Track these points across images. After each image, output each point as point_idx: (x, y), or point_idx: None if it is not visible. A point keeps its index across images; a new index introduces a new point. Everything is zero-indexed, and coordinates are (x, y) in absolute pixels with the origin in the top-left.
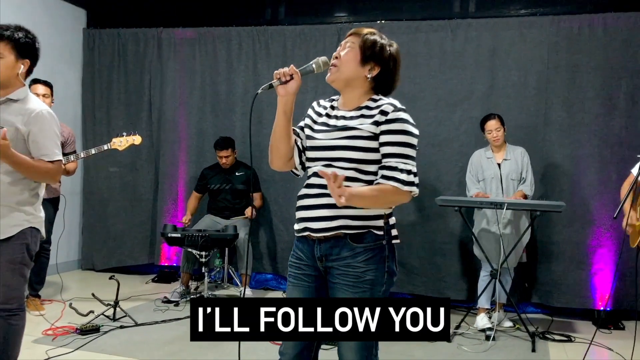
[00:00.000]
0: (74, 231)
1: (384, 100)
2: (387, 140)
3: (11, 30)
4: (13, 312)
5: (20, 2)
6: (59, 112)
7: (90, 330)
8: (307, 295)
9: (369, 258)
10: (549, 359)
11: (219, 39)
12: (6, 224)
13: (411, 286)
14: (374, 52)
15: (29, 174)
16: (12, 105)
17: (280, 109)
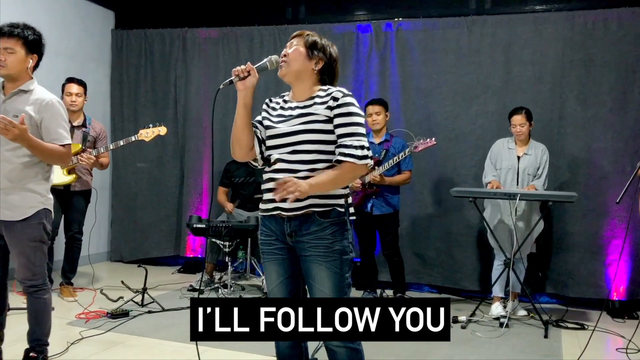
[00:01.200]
0: (103, 224)
1: (332, 88)
2: (339, 122)
3: (21, 28)
4: (39, 287)
5: (52, 4)
6: (88, 110)
7: (120, 314)
8: (281, 266)
9: (335, 231)
10: (560, 344)
11: (242, 38)
12: (24, 206)
13: (428, 277)
14: (317, 48)
15: (44, 156)
16: (23, 95)
17: (240, 103)
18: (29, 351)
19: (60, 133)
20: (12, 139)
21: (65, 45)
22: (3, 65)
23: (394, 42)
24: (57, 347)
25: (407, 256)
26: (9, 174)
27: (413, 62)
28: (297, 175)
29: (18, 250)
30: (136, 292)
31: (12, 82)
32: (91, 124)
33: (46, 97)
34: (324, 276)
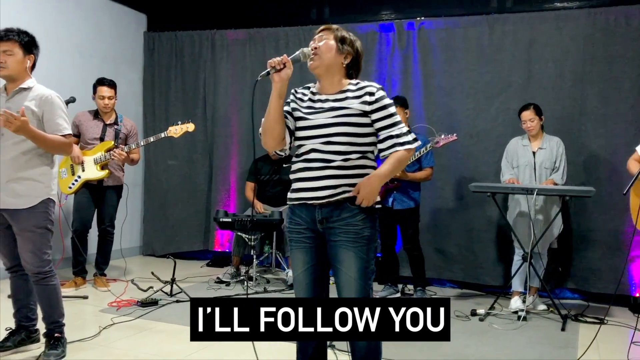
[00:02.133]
0: (136, 220)
1: (363, 83)
2: (380, 116)
3: (16, 32)
4: (47, 274)
5: (87, 9)
6: (122, 109)
7: (150, 303)
8: (308, 254)
9: (365, 218)
10: (577, 337)
11: (268, 39)
12: (30, 195)
13: (450, 272)
14: (346, 43)
15: (46, 146)
16: (23, 93)
17: (275, 94)
18: (51, 333)
19: (60, 124)
20: (14, 131)
21: (99, 48)
22: (4, 67)
23: (416, 41)
24: (90, 331)
25: (429, 252)
26: (15, 165)
27: (435, 60)
28: (331, 164)
29: (25, 237)
30: (165, 283)
31: (12, 82)
32: (122, 122)
33: (45, 92)
34: (351, 261)
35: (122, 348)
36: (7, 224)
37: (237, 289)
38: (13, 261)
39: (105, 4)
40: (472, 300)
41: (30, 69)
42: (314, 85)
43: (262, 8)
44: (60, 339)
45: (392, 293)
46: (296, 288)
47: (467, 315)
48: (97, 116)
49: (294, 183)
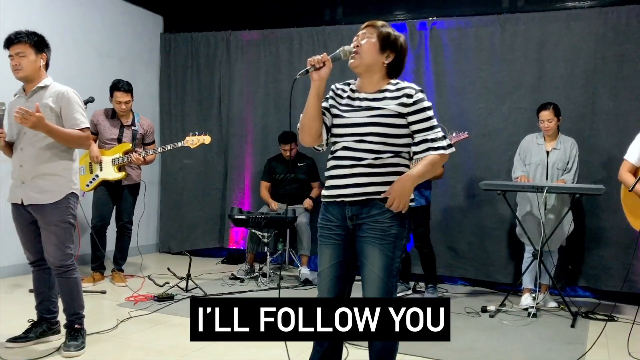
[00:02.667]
0: (152, 217)
1: (402, 83)
2: (417, 118)
3: (25, 33)
4: (69, 267)
5: (105, 11)
6: (139, 109)
7: (165, 298)
8: (336, 250)
9: (393, 216)
10: (586, 334)
11: (282, 39)
12: (55, 190)
13: (462, 270)
14: (390, 42)
15: (64, 141)
16: (41, 91)
17: (313, 92)
18: (72, 324)
19: (78, 118)
20: (31, 127)
21: (117, 49)
22: (19, 69)
23: (428, 41)
24: (107, 324)
25: (441, 250)
26: (38, 162)
27: (447, 60)
28: (361, 162)
29: (49, 231)
30: (181, 279)
31: (30, 83)
32: (139, 121)
33: (62, 89)
34: (376, 257)
35: (139, 340)
36: (31, 220)
37: (250, 285)
38: (36, 255)
39: (122, 6)
40: (484, 298)
41: (45, 68)
42: (354, 82)
43: (276, 9)
44: (80, 330)
45: (404, 290)
46: (319, 283)
47: (477, 312)
48: (114, 116)
49: (327, 180)
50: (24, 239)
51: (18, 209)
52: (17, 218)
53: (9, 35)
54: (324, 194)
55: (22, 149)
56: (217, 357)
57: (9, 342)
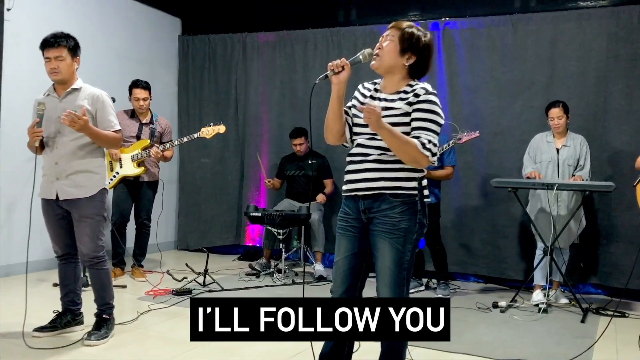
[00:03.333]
0: (171, 215)
1: (418, 85)
2: (416, 116)
3: (64, 37)
4: (101, 259)
5: (125, 14)
6: (158, 109)
7: (183, 292)
8: (351, 242)
9: (404, 210)
10: (596, 329)
11: (297, 40)
12: (90, 185)
13: (475, 267)
14: (411, 44)
15: (101, 142)
16: (75, 93)
17: (334, 95)
18: (101, 314)
19: (112, 120)
20: (78, 130)
21: (136, 51)
22: (57, 72)
23: (441, 41)
24: (128, 316)
25: (454, 247)
26: (74, 159)
27: (459, 59)
28: (368, 158)
29: (84, 224)
30: (198, 274)
31: (62, 85)
32: (157, 120)
33: (96, 92)
34: (386, 250)
35: (158, 331)
36: (62, 215)
37: (266, 280)
38: (64, 249)
39: (142, 9)
40: (496, 294)
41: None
42: (380, 82)
43: (291, 11)
44: (107, 320)
45: (416, 286)
46: (334, 272)
47: (488, 307)
48: (133, 115)
49: (344, 175)
50: (53, 233)
51: (50, 204)
52: (48, 213)
53: (48, 38)
54: (343, 189)
55: (57, 147)
56: (233, 346)
57: (36, 332)
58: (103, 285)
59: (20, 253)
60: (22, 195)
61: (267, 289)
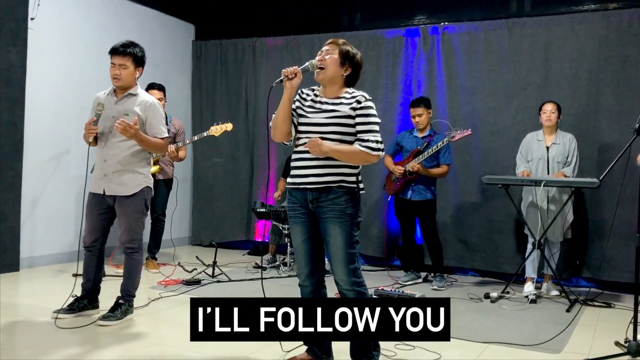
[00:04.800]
0: (185, 212)
1: (357, 92)
2: (360, 121)
3: (131, 46)
4: (135, 250)
5: (142, 20)
6: (172, 111)
7: (193, 282)
8: (305, 227)
9: (348, 199)
10: (579, 318)
11: (303, 45)
12: (132, 184)
13: (472, 262)
14: (349, 57)
15: (148, 147)
16: (131, 98)
17: (285, 98)
18: (119, 299)
19: (160, 129)
20: (128, 137)
21: (152, 55)
22: (119, 79)
23: (440, 45)
24: (140, 302)
25: (452, 242)
26: (120, 159)
27: (458, 62)
28: (320, 156)
29: (124, 219)
30: (207, 266)
31: (122, 89)
32: (171, 122)
33: (149, 99)
34: (337, 233)
35: (167, 315)
36: (106, 209)
37: (272, 273)
38: (92, 241)
39: (158, 16)
40: (491, 287)
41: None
42: (318, 89)
43: (298, 17)
44: (122, 306)
45: (414, 279)
46: (297, 256)
47: (480, 298)
48: None
49: (291, 170)
50: (90, 225)
51: (97, 198)
52: (93, 205)
53: (117, 47)
54: (289, 182)
55: (106, 145)
56: None
57: (55, 313)
58: (130, 273)
59: (42, 246)
60: (44, 192)
61: (272, 280)
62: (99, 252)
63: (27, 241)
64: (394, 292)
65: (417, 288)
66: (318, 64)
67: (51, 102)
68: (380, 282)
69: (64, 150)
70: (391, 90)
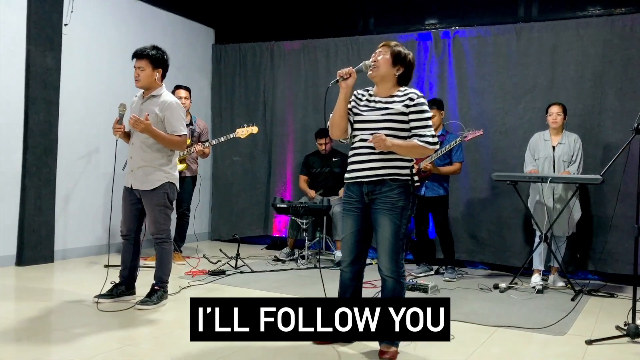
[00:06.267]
0: (205, 208)
1: (409, 90)
2: (415, 117)
3: (148, 50)
4: (163, 239)
5: (165, 25)
6: (194, 112)
7: (218, 272)
8: (355, 220)
9: (400, 192)
10: (583, 306)
11: (319, 48)
12: (153, 179)
13: (481, 255)
14: (400, 58)
15: (165, 143)
16: (154, 99)
17: (342, 97)
18: (154, 285)
19: (177, 126)
20: (140, 131)
21: (175, 58)
22: (138, 80)
23: (451, 48)
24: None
25: (463, 237)
26: (144, 156)
27: (468, 65)
28: (374, 151)
29: (149, 211)
30: (231, 258)
31: (146, 90)
32: (196, 122)
33: (167, 99)
34: (386, 224)
35: None
36: (136, 201)
37: (290, 265)
38: (128, 231)
39: (179, 21)
40: (500, 279)
41: (161, 79)
42: (372, 89)
43: (314, 21)
44: (157, 291)
45: (426, 271)
46: (343, 245)
47: (489, 288)
48: None
49: (348, 165)
50: (125, 215)
51: (128, 191)
52: (125, 198)
53: (137, 50)
54: (346, 177)
55: (133, 143)
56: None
57: (96, 298)
58: (161, 261)
59: (75, 239)
60: (76, 188)
61: (291, 271)
62: (135, 240)
63: (60, 234)
64: (408, 282)
65: (430, 279)
66: (372, 64)
67: (82, 103)
68: None
69: (94, 149)
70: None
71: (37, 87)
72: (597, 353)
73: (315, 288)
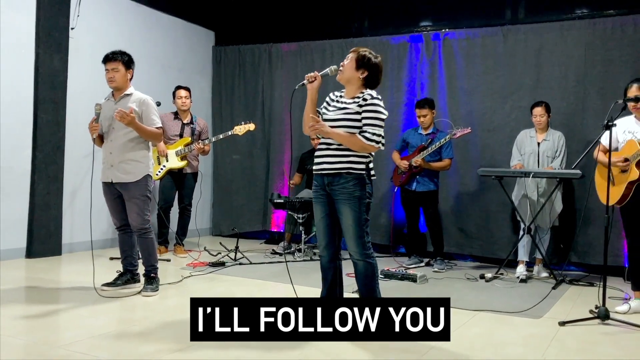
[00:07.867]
0: (206, 205)
1: (368, 92)
2: (364, 116)
3: (119, 53)
4: (146, 230)
5: (166, 28)
6: (195, 112)
7: (218, 264)
8: (323, 206)
9: (356, 184)
10: (562, 293)
11: (316, 50)
12: (135, 172)
13: (470, 248)
14: (364, 62)
15: (145, 135)
16: (127, 97)
17: (308, 98)
18: (149, 273)
19: (154, 120)
20: (126, 124)
21: (176, 60)
22: (113, 81)
23: (441, 50)
24: (174, 279)
25: (452, 231)
26: (124, 150)
27: (457, 65)
28: (331, 147)
29: (132, 203)
30: (230, 250)
31: (118, 91)
32: (196, 121)
33: (143, 97)
34: (347, 212)
35: (198, 289)
36: (117, 195)
37: (288, 257)
38: (121, 222)
39: (180, 23)
40: (486, 270)
41: (130, 80)
42: (343, 91)
43: (311, 23)
44: (155, 278)
45: (417, 263)
46: (317, 230)
47: (476, 278)
48: (176, 117)
49: (315, 159)
50: (112, 209)
51: (107, 186)
52: (106, 193)
53: (108, 54)
54: (313, 168)
55: (111, 140)
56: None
57: (103, 286)
58: (148, 250)
59: (81, 233)
60: (82, 184)
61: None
62: (130, 230)
63: (67, 229)
64: (398, 272)
65: (420, 270)
66: (339, 68)
67: (88, 103)
68: (386, 266)
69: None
70: (396, 91)
71: (46, 88)
72: (569, 333)
73: (311, 278)
